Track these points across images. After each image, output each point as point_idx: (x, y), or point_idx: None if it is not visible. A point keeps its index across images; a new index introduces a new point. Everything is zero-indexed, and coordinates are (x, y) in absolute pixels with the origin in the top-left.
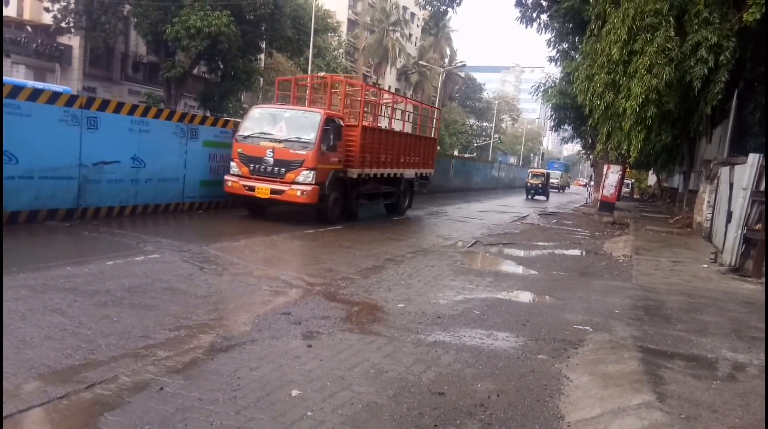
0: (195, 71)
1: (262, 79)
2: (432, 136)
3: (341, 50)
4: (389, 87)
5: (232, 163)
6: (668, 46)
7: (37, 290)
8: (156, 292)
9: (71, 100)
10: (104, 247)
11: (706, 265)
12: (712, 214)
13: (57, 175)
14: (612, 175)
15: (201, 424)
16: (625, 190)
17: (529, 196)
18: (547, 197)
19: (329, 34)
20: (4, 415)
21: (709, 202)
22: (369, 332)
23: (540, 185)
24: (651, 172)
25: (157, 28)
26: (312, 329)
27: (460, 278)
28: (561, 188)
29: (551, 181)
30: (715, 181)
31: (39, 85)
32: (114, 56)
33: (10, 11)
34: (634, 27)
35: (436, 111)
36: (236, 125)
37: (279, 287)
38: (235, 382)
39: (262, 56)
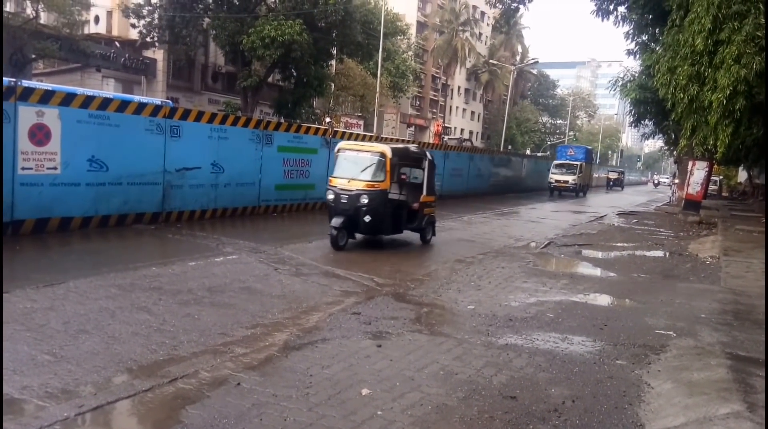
0: (270, 79)
1: (333, 85)
2: None
3: (410, 53)
4: (458, 87)
5: None
6: (758, 33)
7: (125, 289)
8: (234, 292)
9: (156, 110)
10: (187, 249)
11: None
12: None
13: (143, 181)
14: (698, 171)
15: (275, 420)
16: (712, 187)
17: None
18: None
19: (398, 37)
20: (94, 406)
21: None
22: (438, 334)
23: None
24: (741, 168)
25: (234, 39)
26: (382, 329)
27: (532, 280)
28: (579, 190)
29: (562, 178)
30: None
31: (144, 99)
32: (195, 67)
33: (100, 28)
34: (720, 15)
35: None
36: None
37: (349, 288)
38: (307, 379)
39: (333, 62)
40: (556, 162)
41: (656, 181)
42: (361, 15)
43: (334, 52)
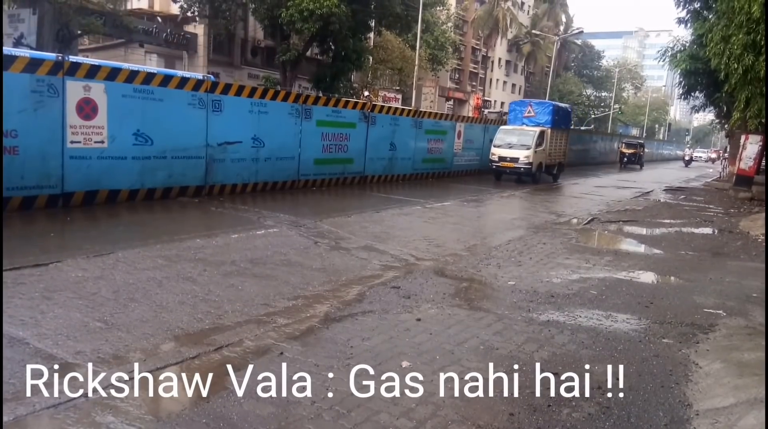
0: (308, 53)
1: (371, 58)
2: None
3: (450, 24)
4: (499, 59)
5: None
6: None
7: (171, 260)
8: (275, 264)
9: (198, 84)
10: (229, 222)
11: None
12: None
13: (187, 154)
14: (750, 146)
15: (318, 389)
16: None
17: None
18: None
19: (438, 8)
20: (144, 371)
21: None
22: (478, 309)
23: None
24: None
25: (273, 12)
26: (421, 303)
27: (575, 256)
28: (537, 173)
29: (509, 155)
30: None
31: (186, 74)
32: (234, 42)
33: (142, 3)
34: None
35: None
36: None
37: (388, 262)
38: (348, 350)
39: (372, 35)
40: (503, 127)
41: (688, 157)
42: None
43: (373, 24)
